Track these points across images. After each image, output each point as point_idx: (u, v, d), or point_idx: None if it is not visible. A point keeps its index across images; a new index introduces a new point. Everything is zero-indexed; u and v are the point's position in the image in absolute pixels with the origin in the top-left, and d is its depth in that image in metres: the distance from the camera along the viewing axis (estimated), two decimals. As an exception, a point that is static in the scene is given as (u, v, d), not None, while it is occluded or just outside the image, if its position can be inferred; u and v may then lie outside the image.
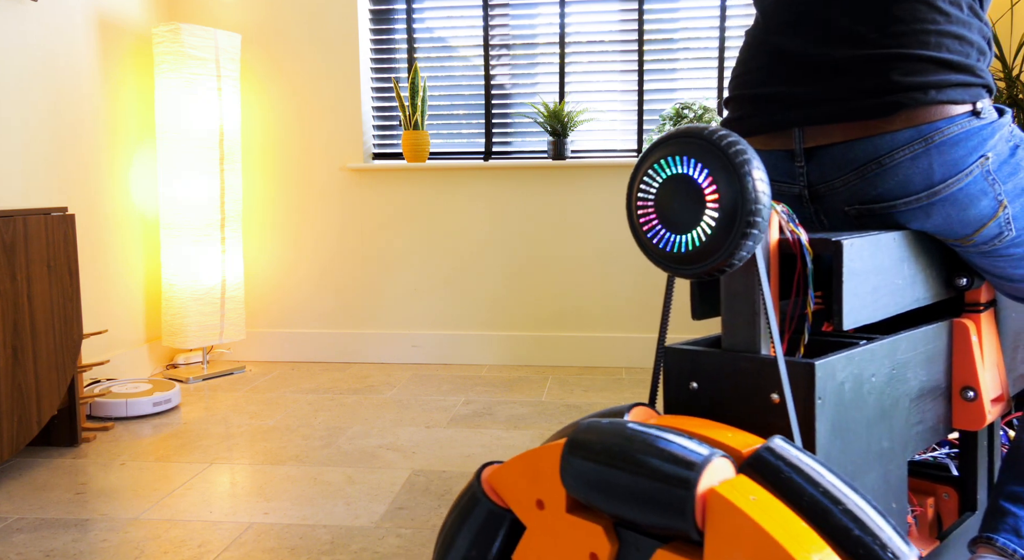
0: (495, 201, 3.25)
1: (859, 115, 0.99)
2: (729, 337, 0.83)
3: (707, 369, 0.84)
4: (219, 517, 1.79)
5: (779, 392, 0.78)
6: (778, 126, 1.06)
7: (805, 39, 1.05)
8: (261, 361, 3.38)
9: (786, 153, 1.07)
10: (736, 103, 1.12)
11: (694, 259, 0.76)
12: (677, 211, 0.76)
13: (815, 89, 1.03)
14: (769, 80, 1.08)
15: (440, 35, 3.33)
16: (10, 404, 1.98)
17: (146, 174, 3.14)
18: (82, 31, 2.75)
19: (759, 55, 1.10)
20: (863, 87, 0.99)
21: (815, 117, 1.02)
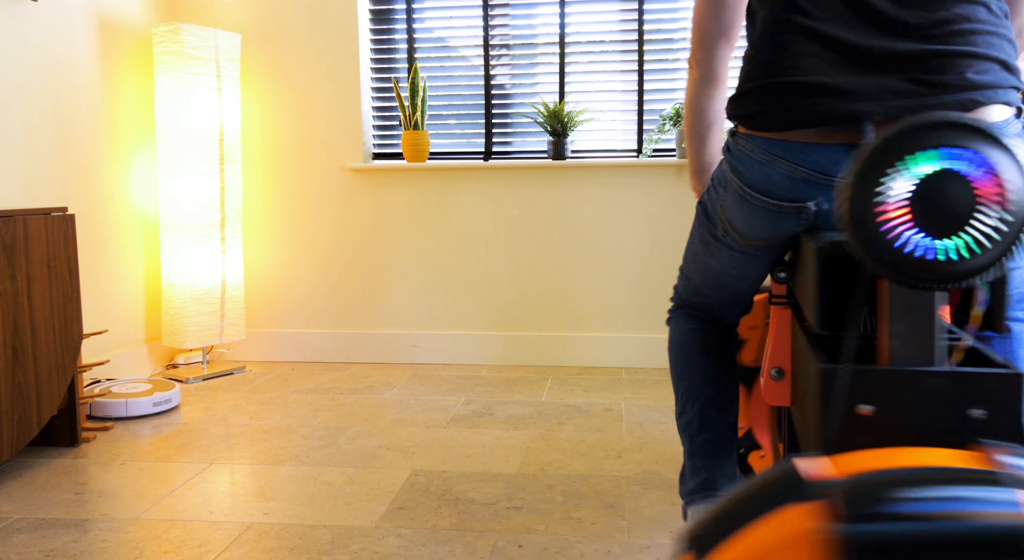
0: (495, 201, 3.25)
1: (935, 110, 0.96)
2: (902, 352, 0.75)
3: (882, 390, 0.74)
4: (219, 517, 1.79)
5: (984, 408, 0.71)
6: (842, 119, 0.98)
7: (857, 29, 1.01)
8: (261, 361, 3.38)
9: (850, 147, 1.01)
10: (775, 91, 1.03)
11: (962, 268, 0.65)
12: (942, 212, 0.65)
13: (885, 82, 0.98)
14: (823, 69, 1.01)
15: (440, 35, 3.33)
16: (10, 404, 1.98)
17: (146, 174, 3.14)
18: (82, 31, 2.75)
19: (801, 42, 1.03)
20: (938, 82, 0.97)
21: (891, 111, 0.97)
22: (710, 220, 1.24)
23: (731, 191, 1.14)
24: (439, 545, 1.64)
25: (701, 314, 1.41)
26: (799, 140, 1.02)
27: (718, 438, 1.32)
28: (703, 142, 1.39)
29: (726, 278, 1.29)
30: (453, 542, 1.65)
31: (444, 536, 1.68)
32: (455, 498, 1.89)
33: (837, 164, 1.02)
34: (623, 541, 1.66)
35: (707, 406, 1.34)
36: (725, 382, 1.36)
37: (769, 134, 1.05)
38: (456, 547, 1.63)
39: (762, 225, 1.11)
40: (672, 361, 1.42)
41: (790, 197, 1.06)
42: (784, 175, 1.05)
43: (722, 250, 1.24)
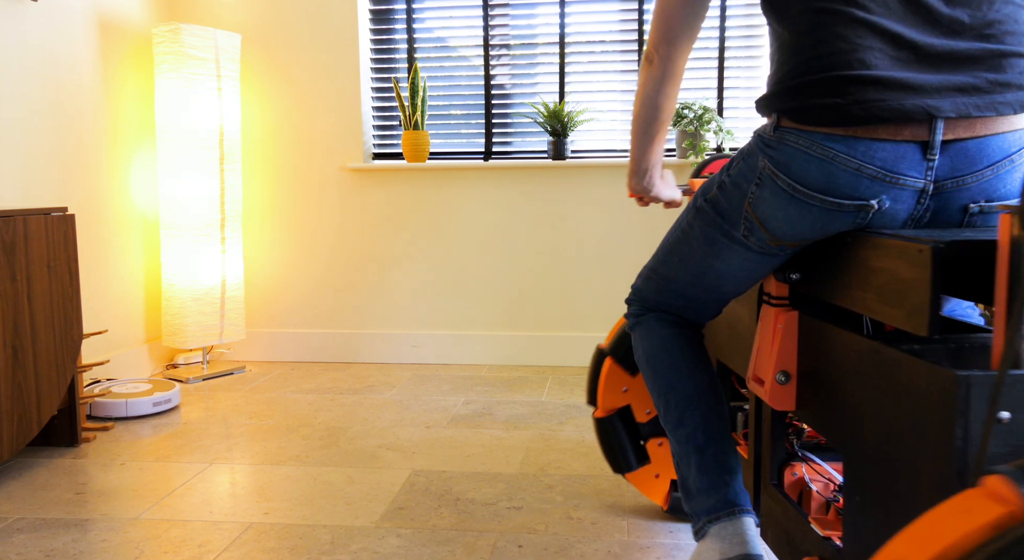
0: (495, 201, 3.25)
1: (1002, 110, 0.97)
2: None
3: (1020, 395, 0.73)
4: (219, 517, 1.79)
5: None
6: (916, 116, 0.96)
7: (915, 26, 1.00)
8: (261, 361, 3.38)
9: (918, 145, 0.98)
10: (838, 84, 1.00)
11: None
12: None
13: (950, 79, 0.97)
14: (890, 64, 0.98)
15: (440, 35, 3.33)
16: (10, 404, 1.98)
17: (146, 174, 3.14)
18: (82, 31, 2.75)
19: (861, 35, 1.00)
20: (1002, 81, 0.97)
21: (960, 109, 0.96)
22: (725, 218, 1.18)
23: (771, 188, 1.08)
24: (439, 545, 1.64)
25: (675, 317, 1.36)
26: (866, 136, 0.99)
27: (727, 449, 1.27)
28: (653, 141, 1.34)
29: (727, 279, 1.23)
30: (453, 542, 1.65)
31: (444, 536, 1.68)
32: (455, 498, 1.89)
33: (904, 161, 0.99)
34: (623, 541, 1.66)
35: (709, 415, 1.29)
36: (717, 388, 1.32)
37: (831, 129, 1.01)
38: (456, 547, 1.63)
39: (808, 224, 1.07)
40: (655, 369, 1.35)
41: (853, 195, 1.02)
42: (848, 172, 1.01)
43: (736, 250, 1.18)
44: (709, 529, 1.24)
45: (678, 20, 1.24)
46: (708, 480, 1.26)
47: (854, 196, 1.02)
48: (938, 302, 0.81)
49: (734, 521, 1.22)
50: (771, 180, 1.08)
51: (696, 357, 1.33)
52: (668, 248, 1.31)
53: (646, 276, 1.36)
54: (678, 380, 1.32)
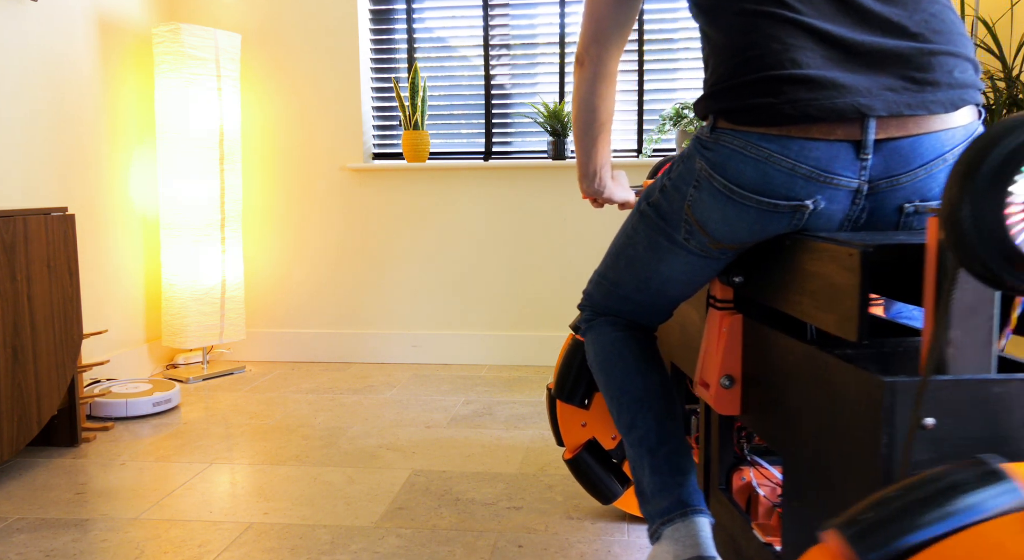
0: (495, 201, 3.25)
1: (933, 108, 0.97)
2: (961, 362, 0.72)
3: (945, 401, 0.72)
4: (219, 517, 1.79)
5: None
6: (848, 114, 0.96)
7: (846, 25, 1.00)
8: (261, 361, 3.38)
9: (851, 144, 0.98)
10: (771, 84, 0.99)
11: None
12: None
13: (881, 78, 0.97)
14: (822, 64, 0.98)
15: (440, 35, 3.33)
16: (10, 404, 1.98)
17: (146, 174, 3.14)
18: (82, 31, 2.75)
19: (793, 35, 1.00)
20: (931, 80, 0.97)
21: (892, 107, 0.96)
22: (667, 222, 1.17)
23: (708, 190, 1.07)
24: (439, 545, 1.64)
25: (625, 320, 1.35)
26: (799, 136, 0.98)
27: (679, 450, 1.26)
28: (596, 142, 1.33)
29: (671, 284, 1.22)
30: (453, 542, 1.65)
31: (444, 536, 1.68)
32: (455, 498, 1.89)
33: (838, 161, 0.99)
34: (623, 541, 1.66)
35: (662, 416, 1.27)
36: (669, 390, 1.31)
37: (765, 129, 1.00)
38: (456, 547, 1.63)
39: (746, 226, 1.06)
40: (607, 372, 1.34)
41: (788, 195, 1.01)
42: (782, 172, 1.00)
43: (677, 253, 1.17)
44: (663, 531, 1.23)
45: (607, 21, 1.24)
46: (661, 481, 1.26)
47: (789, 196, 1.01)
48: (866, 307, 0.80)
49: (687, 522, 1.21)
50: (708, 182, 1.07)
51: (648, 359, 1.32)
52: (615, 253, 1.30)
53: (596, 281, 1.36)
54: (630, 382, 1.31)
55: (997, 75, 2.71)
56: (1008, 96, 2.55)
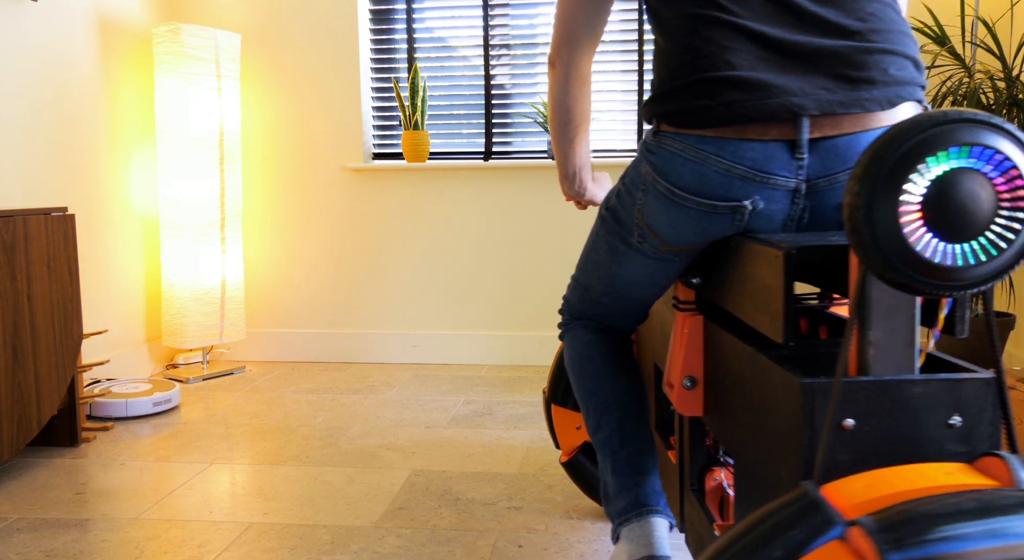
0: (495, 201, 3.25)
1: (869, 106, 0.97)
2: (883, 362, 0.72)
3: (865, 402, 0.71)
4: (219, 517, 1.79)
5: (964, 414, 0.70)
6: (780, 114, 0.96)
7: (780, 25, 1.00)
8: (261, 361, 3.38)
9: (786, 144, 0.99)
10: (707, 87, 1.00)
11: (980, 273, 0.62)
12: (958, 215, 0.61)
13: (815, 77, 0.98)
14: (755, 65, 0.99)
15: (440, 35, 3.33)
16: (10, 404, 1.98)
17: (146, 174, 3.14)
18: (82, 31, 2.75)
19: (727, 37, 1.00)
20: (866, 78, 0.97)
21: (824, 106, 0.96)
22: (622, 226, 1.18)
23: (653, 193, 1.08)
24: (439, 545, 1.64)
25: (599, 324, 1.36)
26: (734, 137, 0.99)
27: (642, 451, 1.27)
28: (573, 145, 1.33)
29: (633, 287, 1.23)
30: (453, 542, 1.66)
31: (444, 536, 1.68)
32: (455, 498, 1.89)
33: (773, 161, 0.99)
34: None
35: (625, 419, 1.29)
36: (637, 392, 1.32)
37: (701, 131, 1.00)
38: (456, 547, 1.63)
39: (690, 228, 1.06)
40: (578, 375, 1.35)
41: (725, 196, 1.01)
42: (719, 173, 1.00)
43: (634, 257, 1.18)
44: (621, 531, 1.24)
45: (578, 23, 1.24)
46: (621, 482, 1.27)
47: (727, 197, 1.02)
48: (792, 307, 0.80)
49: (642, 522, 1.21)
50: (653, 186, 1.08)
51: (617, 362, 1.32)
52: (584, 257, 1.31)
53: (571, 286, 1.37)
54: (598, 385, 1.32)
55: (997, 75, 2.71)
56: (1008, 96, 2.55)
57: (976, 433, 0.71)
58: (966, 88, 2.63)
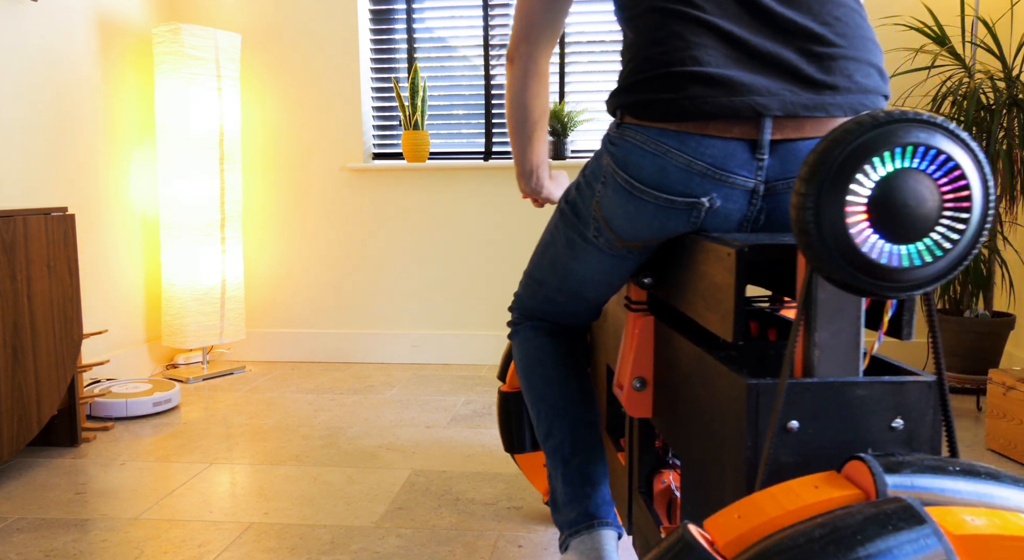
0: (495, 201, 3.25)
1: (832, 111, 0.97)
2: (828, 364, 0.72)
3: (809, 404, 0.71)
4: (219, 517, 1.79)
5: (906, 417, 0.70)
6: (743, 113, 0.96)
7: (749, 26, 0.99)
8: (261, 361, 3.38)
9: (747, 143, 0.98)
10: (673, 81, 0.99)
11: (925, 274, 0.61)
12: (903, 215, 0.60)
13: (780, 79, 0.97)
14: (722, 62, 0.98)
15: (440, 35, 3.33)
16: (10, 404, 1.98)
17: (146, 174, 3.14)
18: (82, 31, 2.75)
19: (696, 33, 1.00)
20: (831, 83, 0.97)
21: (788, 107, 0.96)
22: (580, 219, 1.17)
23: (612, 186, 1.07)
24: (439, 545, 1.64)
25: (550, 326, 1.34)
26: (696, 132, 0.98)
27: (593, 460, 1.26)
28: (531, 141, 1.33)
29: (586, 284, 1.22)
30: (453, 542, 1.65)
31: (444, 536, 1.68)
32: (455, 498, 1.89)
33: (733, 159, 0.98)
34: (623, 541, 1.66)
35: (577, 426, 1.27)
36: (589, 398, 1.30)
37: (664, 124, 1.00)
38: (456, 547, 1.63)
39: (647, 223, 1.05)
40: (528, 379, 1.33)
41: (683, 191, 1.01)
42: (679, 168, 1.00)
43: (590, 252, 1.17)
44: (570, 542, 1.22)
45: (537, 19, 1.24)
46: (571, 492, 1.25)
47: (685, 193, 1.01)
48: (742, 306, 0.79)
49: (592, 535, 1.20)
50: (613, 178, 1.07)
51: (569, 367, 1.31)
52: (539, 252, 1.30)
53: (524, 282, 1.35)
54: (548, 391, 1.30)
55: (997, 75, 2.71)
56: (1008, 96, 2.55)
57: (917, 436, 0.71)
58: (966, 88, 2.63)
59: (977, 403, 2.62)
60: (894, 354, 3.08)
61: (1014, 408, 2.09)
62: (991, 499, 0.57)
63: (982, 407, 2.59)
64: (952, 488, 0.57)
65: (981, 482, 0.58)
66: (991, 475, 0.59)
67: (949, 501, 0.57)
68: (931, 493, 0.57)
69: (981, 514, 0.54)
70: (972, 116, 2.55)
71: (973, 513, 0.55)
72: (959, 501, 0.57)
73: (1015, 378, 2.10)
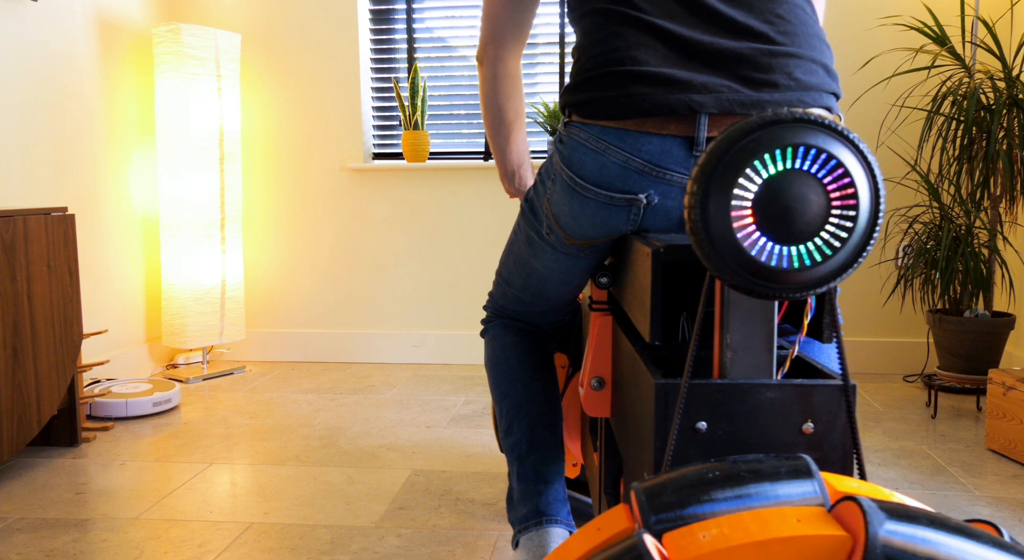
0: (495, 201, 3.25)
1: (768, 109, 0.96)
2: (740, 366, 0.71)
3: (718, 405, 0.70)
4: (219, 517, 1.79)
5: (818, 420, 0.69)
6: (679, 110, 0.97)
7: (688, 24, 1.00)
8: (261, 361, 3.38)
9: (684, 140, 0.99)
10: (612, 79, 1.01)
11: (814, 275, 0.61)
12: (789, 216, 0.60)
13: (718, 76, 0.98)
14: (659, 61, 0.99)
15: (440, 35, 3.33)
16: (10, 404, 1.98)
17: (146, 174, 3.14)
18: (82, 31, 2.75)
19: (636, 33, 1.01)
20: (770, 81, 0.97)
21: (724, 105, 0.96)
22: (536, 217, 1.18)
23: (560, 183, 1.08)
24: (439, 545, 1.64)
25: (520, 324, 1.35)
26: (634, 129, 0.99)
27: (549, 458, 1.26)
28: (508, 141, 1.33)
29: (547, 283, 1.23)
30: (453, 542, 1.66)
31: (444, 536, 1.68)
32: (455, 498, 1.89)
33: (670, 156, 0.99)
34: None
35: (536, 425, 1.28)
36: (551, 398, 1.30)
37: (605, 122, 1.01)
38: (456, 547, 1.63)
39: (590, 220, 1.06)
40: (493, 376, 1.34)
41: (622, 188, 1.02)
42: (618, 164, 1.01)
43: (545, 250, 1.18)
44: (520, 538, 1.23)
45: (504, 21, 1.24)
46: (524, 489, 1.26)
47: (623, 189, 1.02)
48: (661, 306, 0.79)
49: (539, 531, 1.21)
50: (560, 175, 1.08)
51: (534, 366, 1.31)
52: (506, 251, 1.31)
53: (495, 281, 1.36)
54: (511, 388, 1.31)
55: (997, 75, 2.71)
56: (1008, 96, 2.55)
57: (829, 440, 0.70)
58: (966, 88, 2.63)
59: (977, 403, 2.62)
60: (895, 356, 3.08)
61: (1014, 408, 2.09)
62: (749, 501, 0.55)
63: (982, 407, 2.59)
64: (710, 499, 0.55)
65: (740, 486, 0.56)
66: (753, 472, 0.57)
67: (702, 517, 0.55)
68: (690, 513, 0.55)
69: (714, 526, 0.53)
70: (972, 116, 2.55)
71: (708, 528, 0.53)
72: (711, 514, 0.55)
73: (1015, 378, 2.10)
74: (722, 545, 0.51)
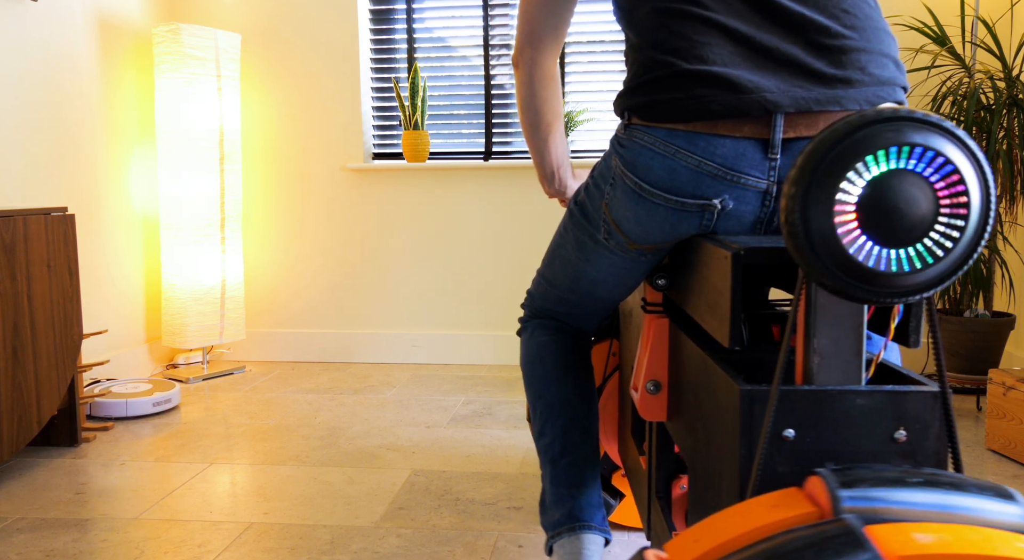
0: (495, 201, 3.25)
1: (846, 105, 0.94)
2: (828, 371, 0.69)
3: (806, 412, 0.68)
4: (219, 517, 1.79)
5: (909, 427, 0.67)
6: (752, 111, 0.93)
7: (755, 22, 0.97)
8: (261, 361, 3.38)
9: (758, 142, 0.95)
10: (680, 80, 0.97)
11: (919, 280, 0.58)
12: (895, 218, 0.57)
13: (790, 75, 0.94)
14: (728, 60, 0.95)
15: (440, 35, 3.33)
16: (10, 404, 1.98)
17: (146, 174, 3.14)
18: (82, 31, 2.75)
19: (700, 32, 0.97)
20: (843, 77, 0.94)
21: (800, 104, 0.93)
22: (590, 221, 1.14)
23: (622, 188, 1.05)
24: (439, 545, 1.64)
25: (557, 324, 1.33)
26: (705, 132, 0.96)
27: (583, 462, 1.24)
28: (547, 144, 1.31)
29: (599, 285, 1.20)
30: (453, 542, 1.66)
31: (444, 536, 1.68)
32: (455, 498, 1.89)
33: (744, 159, 0.96)
34: (623, 541, 1.66)
35: (570, 427, 1.25)
36: (587, 400, 1.28)
37: (673, 125, 0.97)
38: (456, 547, 1.63)
39: (658, 226, 1.03)
40: (528, 376, 1.32)
41: (695, 193, 0.98)
42: (688, 169, 0.97)
43: (601, 254, 1.14)
44: (553, 545, 1.21)
45: (540, 23, 1.22)
46: (557, 493, 1.23)
47: (696, 194, 0.98)
48: (739, 311, 0.76)
49: (573, 537, 1.18)
50: (622, 180, 1.05)
51: (570, 366, 1.29)
52: (551, 252, 1.28)
53: (536, 281, 1.34)
54: (546, 389, 1.29)
55: (997, 75, 2.71)
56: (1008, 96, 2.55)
57: (922, 449, 0.68)
58: (966, 88, 2.63)
59: (977, 403, 2.62)
60: (894, 354, 3.08)
61: (1014, 408, 2.09)
62: (952, 510, 0.55)
63: (982, 407, 2.59)
64: (911, 501, 0.55)
65: (943, 493, 0.56)
66: (955, 485, 0.56)
67: (905, 516, 0.55)
68: (888, 508, 0.55)
69: (933, 530, 0.53)
70: (972, 116, 2.55)
71: (924, 529, 0.53)
72: (916, 516, 0.55)
73: (1015, 378, 2.10)
74: (942, 550, 0.51)
